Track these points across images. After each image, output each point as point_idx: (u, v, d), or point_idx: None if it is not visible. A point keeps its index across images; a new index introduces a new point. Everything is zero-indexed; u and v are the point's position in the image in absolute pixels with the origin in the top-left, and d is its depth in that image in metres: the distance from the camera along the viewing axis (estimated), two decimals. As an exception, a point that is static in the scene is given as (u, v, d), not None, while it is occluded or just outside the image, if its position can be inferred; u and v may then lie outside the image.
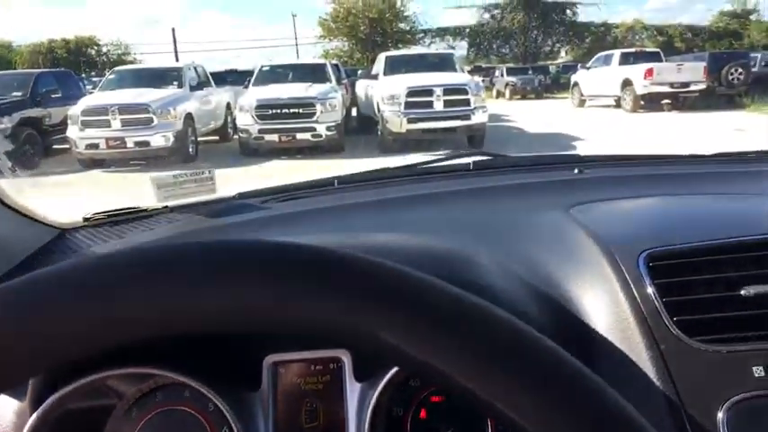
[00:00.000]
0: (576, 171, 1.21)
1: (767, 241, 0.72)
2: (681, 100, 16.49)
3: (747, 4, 35.66)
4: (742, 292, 0.67)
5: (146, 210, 1.19)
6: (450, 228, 0.94)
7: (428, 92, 10.16)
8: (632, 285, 0.70)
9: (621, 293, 0.70)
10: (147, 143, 10.01)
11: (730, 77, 17.61)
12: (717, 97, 17.03)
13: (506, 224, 0.94)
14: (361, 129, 12.62)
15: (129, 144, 9.93)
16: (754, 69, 18.52)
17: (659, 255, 0.73)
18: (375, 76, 11.65)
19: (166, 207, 1.18)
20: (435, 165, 1.45)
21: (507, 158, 1.51)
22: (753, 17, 35.31)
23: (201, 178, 1.07)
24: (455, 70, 11.66)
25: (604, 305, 0.71)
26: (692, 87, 16.48)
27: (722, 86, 17.54)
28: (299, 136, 10.31)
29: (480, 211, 1.03)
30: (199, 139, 11.56)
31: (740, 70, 17.67)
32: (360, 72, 14.25)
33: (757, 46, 28.51)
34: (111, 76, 11.96)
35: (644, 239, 0.77)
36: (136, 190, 6.35)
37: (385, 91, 10.41)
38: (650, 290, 0.70)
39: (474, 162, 1.35)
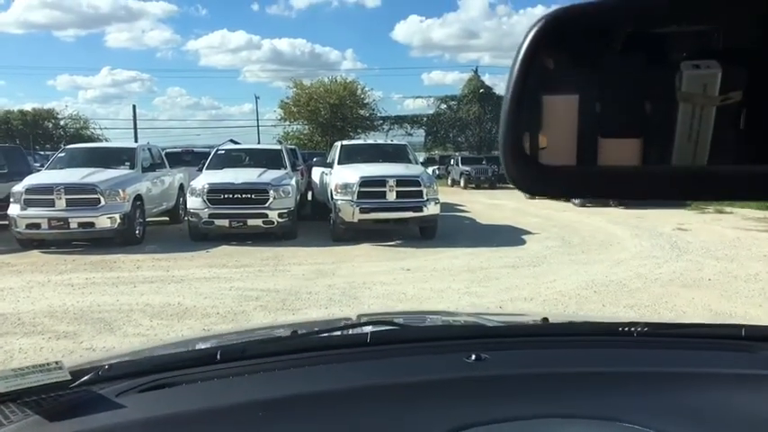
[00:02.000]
0: (472, 358, 1.13)
1: None
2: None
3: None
4: None
5: None
6: None
7: (381, 182, 10.30)
8: None
9: None
10: (91, 224, 9.72)
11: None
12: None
13: None
14: (315, 215, 12.62)
15: (73, 225, 9.62)
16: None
17: None
18: (330, 164, 11.79)
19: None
20: (330, 336, 1.38)
21: (406, 331, 1.45)
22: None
23: (49, 369, 0.96)
24: (409, 161, 11.92)
25: None
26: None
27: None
28: (251, 222, 10.21)
29: (354, 426, 0.94)
30: (149, 219, 11.33)
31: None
32: (315, 159, 14.40)
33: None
34: (62, 155, 11.75)
35: None
36: (65, 278, 6.01)
37: (339, 180, 10.52)
38: None
39: (371, 334, 1.29)
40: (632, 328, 1.28)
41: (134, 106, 54.71)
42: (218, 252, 9.53)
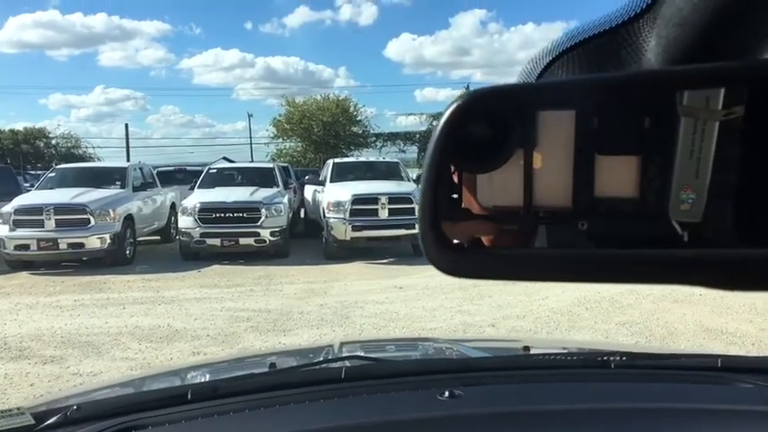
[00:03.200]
0: (446, 395, 1.11)
1: None
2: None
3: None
4: None
5: None
6: None
7: (373, 200, 10.30)
8: None
9: None
10: (81, 245, 9.65)
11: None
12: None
13: None
14: (308, 232, 12.59)
15: (62, 245, 9.55)
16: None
17: None
18: (322, 182, 11.80)
19: None
20: (305, 370, 1.35)
21: (381, 366, 1.43)
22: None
23: (11, 414, 0.93)
24: (401, 179, 11.94)
25: None
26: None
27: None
28: (243, 241, 10.17)
29: None
30: (140, 239, 11.26)
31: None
32: (307, 177, 14.40)
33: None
34: (52, 174, 11.70)
35: None
36: (54, 300, 5.95)
37: (331, 197, 10.51)
38: None
39: (346, 370, 1.27)
40: (610, 358, 1.27)
41: (126, 125, 54.34)
42: (210, 272, 9.47)
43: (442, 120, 0.42)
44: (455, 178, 0.49)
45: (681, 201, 0.44)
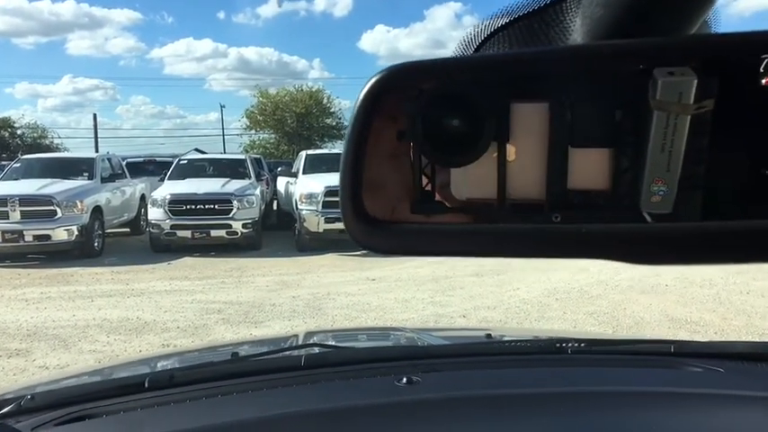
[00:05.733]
0: (404, 381, 1.12)
1: None
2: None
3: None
4: None
5: None
6: None
7: (347, 192, 10.26)
8: None
9: None
10: (47, 237, 9.43)
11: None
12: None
13: None
14: (281, 224, 12.52)
15: (28, 237, 9.33)
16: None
17: None
18: (295, 174, 11.73)
19: None
20: (264, 358, 1.36)
21: (340, 353, 1.45)
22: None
23: None
24: (375, 171, 11.92)
25: None
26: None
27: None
28: (214, 233, 10.06)
29: None
30: (109, 231, 11.07)
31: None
32: (280, 168, 14.30)
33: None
34: (17, 165, 11.42)
35: None
36: (19, 292, 5.83)
37: (303, 189, 10.46)
38: None
39: (305, 358, 1.28)
40: (566, 345, 1.30)
41: (95, 115, 53.42)
42: (181, 264, 9.36)
43: (361, 94, 0.43)
44: (428, 171, 0.50)
45: (652, 193, 0.45)
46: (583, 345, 1.32)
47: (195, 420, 1.03)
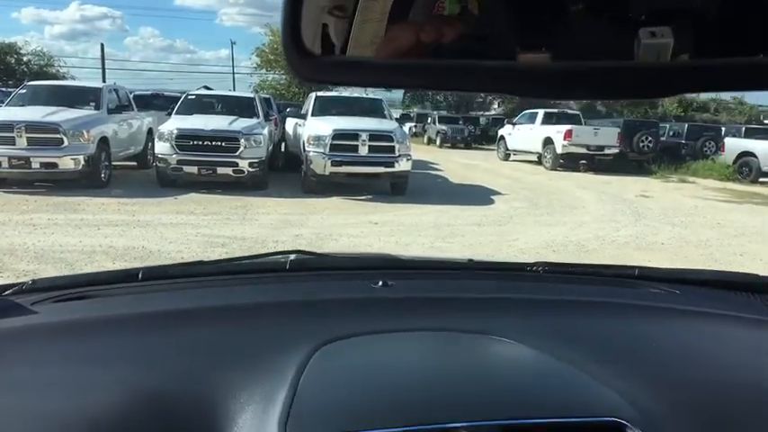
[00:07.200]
0: (379, 284, 1.20)
1: None
2: (596, 161, 17.48)
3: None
4: None
5: None
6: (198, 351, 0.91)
7: (354, 136, 10.24)
8: None
9: None
10: (54, 165, 9.48)
11: (641, 144, 18.83)
12: (628, 162, 18.16)
13: (263, 355, 0.88)
14: (288, 166, 12.53)
15: (35, 164, 9.37)
16: (662, 138, 19.94)
17: None
18: (304, 116, 11.67)
19: None
20: (251, 263, 1.44)
21: (323, 260, 1.52)
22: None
23: None
24: (384, 117, 11.85)
25: None
26: (607, 151, 17.56)
27: (633, 152, 18.71)
28: (220, 170, 10.09)
29: (246, 335, 0.99)
30: (115, 163, 11.12)
31: (650, 138, 18.95)
32: (289, 110, 14.17)
33: (669, 115, 30.74)
34: (23, 91, 11.33)
35: (342, 419, 0.71)
36: (27, 218, 5.91)
37: (311, 131, 10.42)
38: None
39: (290, 262, 1.35)
40: (540, 267, 1.37)
41: (102, 45, 52.89)
42: (187, 199, 9.44)
43: None
44: None
45: None
46: (556, 268, 1.40)
47: (180, 304, 1.12)
